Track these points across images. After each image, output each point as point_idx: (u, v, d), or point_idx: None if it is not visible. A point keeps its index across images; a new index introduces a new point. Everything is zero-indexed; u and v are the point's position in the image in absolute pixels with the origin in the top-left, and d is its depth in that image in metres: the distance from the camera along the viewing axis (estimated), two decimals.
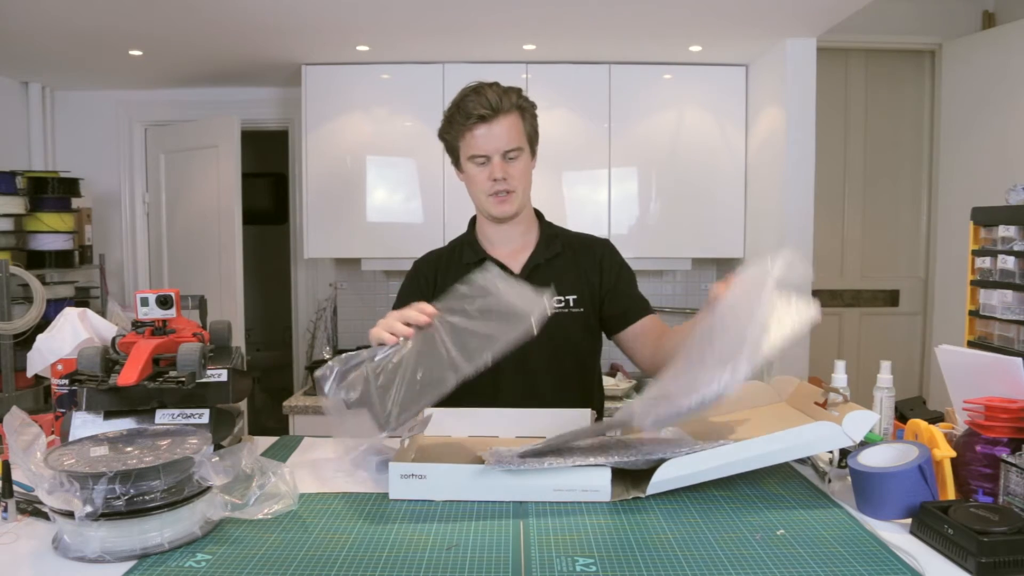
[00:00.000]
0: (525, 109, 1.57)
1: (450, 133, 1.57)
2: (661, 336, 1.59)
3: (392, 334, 1.24)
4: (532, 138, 1.60)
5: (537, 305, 1.18)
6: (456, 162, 1.61)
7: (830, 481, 1.20)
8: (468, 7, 2.54)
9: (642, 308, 1.64)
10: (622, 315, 1.63)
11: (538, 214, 1.71)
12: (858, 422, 1.11)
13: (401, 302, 1.66)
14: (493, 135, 1.52)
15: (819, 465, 1.25)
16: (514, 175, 1.55)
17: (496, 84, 1.55)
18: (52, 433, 1.38)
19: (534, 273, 1.61)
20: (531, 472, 1.13)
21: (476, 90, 1.53)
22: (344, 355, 1.24)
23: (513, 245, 1.65)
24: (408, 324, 1.24)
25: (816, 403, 1.26)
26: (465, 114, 1.51)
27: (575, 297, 1.61)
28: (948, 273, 3.41)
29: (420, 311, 1.24)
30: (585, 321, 1.63)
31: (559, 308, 1.59)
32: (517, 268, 1.62)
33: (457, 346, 1.18)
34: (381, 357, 1.22)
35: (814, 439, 1.12)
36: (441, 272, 1.66)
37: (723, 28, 2.77)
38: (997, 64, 3.20)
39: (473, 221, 1.72)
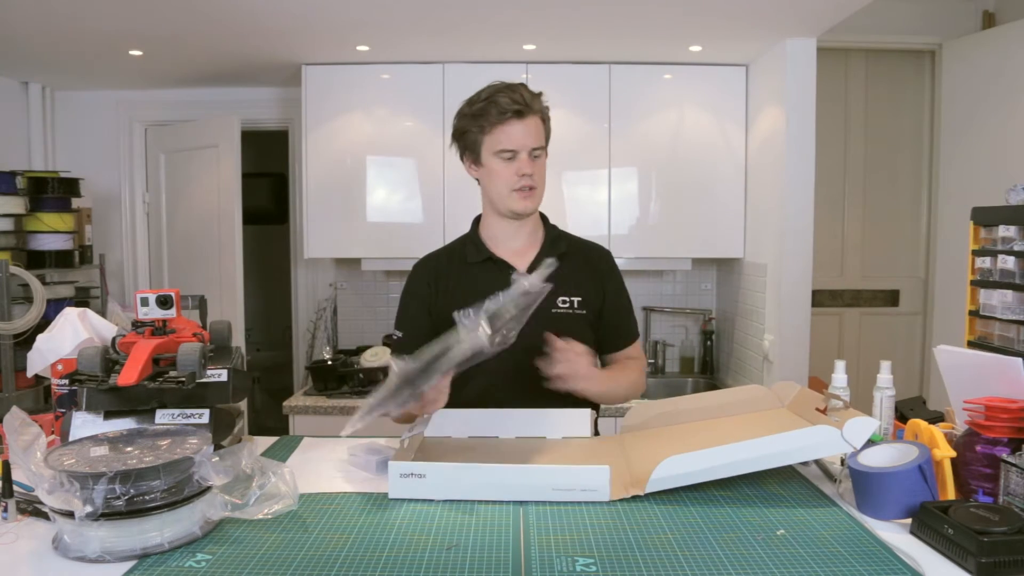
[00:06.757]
0: (546, 115, 1.62)
1: (477, 125, 1.57)
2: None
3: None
4: (547, 143, 1.64)
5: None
6: (475, 157, 1.60)
7: (839, 482, 1.20)
8: (468, 7, 2.53)
9: (632, 336, 1.73)
10: (611, 339, 1.70)
11: (541, 215, 1.72)
12: (859, 428, 1.11)
13: (404, 310, 1.68)
14: (524, 132, 1.55)
15: (829, 469, 1.25)
16: (539, 172, 1.59)
17: (524, 85, 1.58)
18: (52, 433, 1.38)
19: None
20: (531, 472, 1.14)
21: (509, 87, 1.56)
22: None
23: (520, 244, 1.66)
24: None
25: (817, 409, 1.26)
26: (500, 109, 1.53)
27: (580, 299, 1.63)
28: (948, 273, 3.41)
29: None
30: (587, 322, 1.64)
31: (564, 308, 1.61)
32: (523, 267, 1.62)
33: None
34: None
35: (814, 443, 1.13)
36: (442, 274, 1.66)
37: (723, 28, 2.77)
38: (997, 64, 3.19)
39: (476, 220, 1.72)
